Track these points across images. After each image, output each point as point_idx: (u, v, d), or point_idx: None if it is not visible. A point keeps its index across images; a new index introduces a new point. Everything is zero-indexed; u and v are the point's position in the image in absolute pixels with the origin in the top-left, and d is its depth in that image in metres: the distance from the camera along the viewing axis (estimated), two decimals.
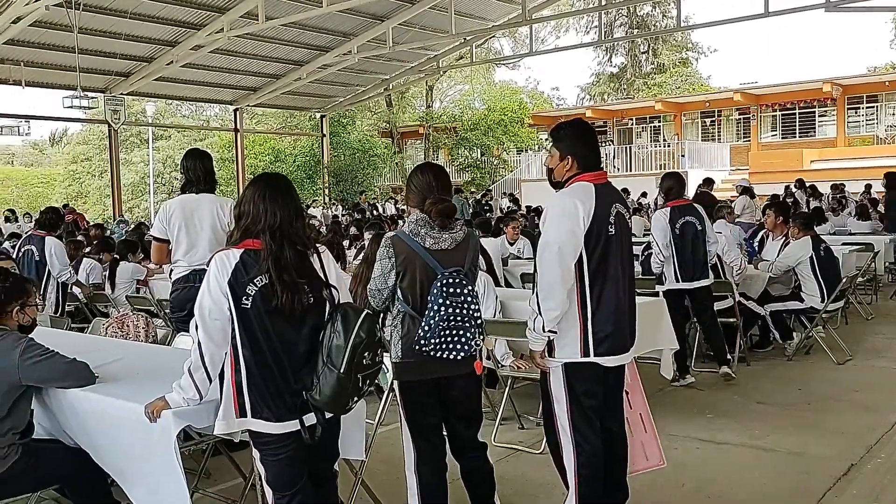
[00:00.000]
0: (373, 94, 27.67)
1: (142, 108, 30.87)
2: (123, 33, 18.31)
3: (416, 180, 3.17)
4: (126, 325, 4.60)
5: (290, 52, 21.90)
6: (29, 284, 3.26)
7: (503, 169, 32.27)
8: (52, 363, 3.05)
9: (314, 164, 30.64)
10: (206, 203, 4.80)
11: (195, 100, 27.91)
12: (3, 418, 2.96)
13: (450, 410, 3.20)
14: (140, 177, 33.53)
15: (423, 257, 3.00)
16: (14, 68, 18.38)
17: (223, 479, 4.09)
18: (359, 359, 2.60)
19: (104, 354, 3.59)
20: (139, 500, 2.96)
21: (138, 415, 2.77)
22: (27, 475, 3.02)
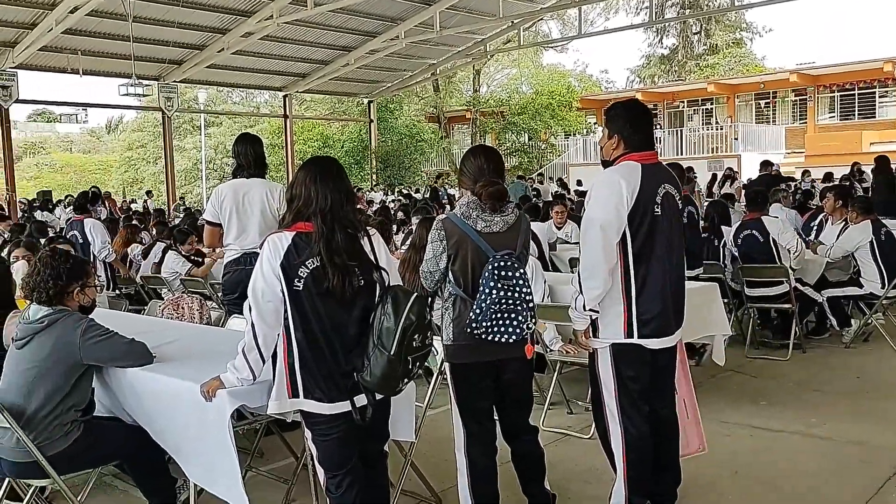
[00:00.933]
0: (420, 79, 27.67)
1: (194, 95, 31.39)
2: (176, 21, 18.62)
3: (469, 163, 3.16)
4: (181, 307, 4.70)
5: (338, 38, 22.00)
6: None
7: (551, 153, 32.01)
8: (112, 343, 3.13)
9: (362, 150, 30.83)
10: (257, 187, 4.84)
11: (245, 86, 28.27)
12: (65, 396, 3.05)
13: (502, 393, 3.20)
14: (192, 163, 34.18)
15: (475, 240, 2.99)
16: (72, 57, 18.86)
17: (275, 458, 4.17)
18: (409, 341, 2.62)
19: (161, 335, 3.68)
20: (195, 476, 3.04)
21: (194, 394, 2.83)
22: (89, 451, 3.12)
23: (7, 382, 3.08)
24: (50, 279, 3.11)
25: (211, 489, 3.00)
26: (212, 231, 5.03)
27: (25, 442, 2.91)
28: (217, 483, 2.94)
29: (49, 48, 18.24)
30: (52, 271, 3.12)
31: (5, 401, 2.97)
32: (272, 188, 4.88)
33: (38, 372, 3.03)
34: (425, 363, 2.85)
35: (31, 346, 3.05)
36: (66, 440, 3.03)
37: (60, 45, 18.27)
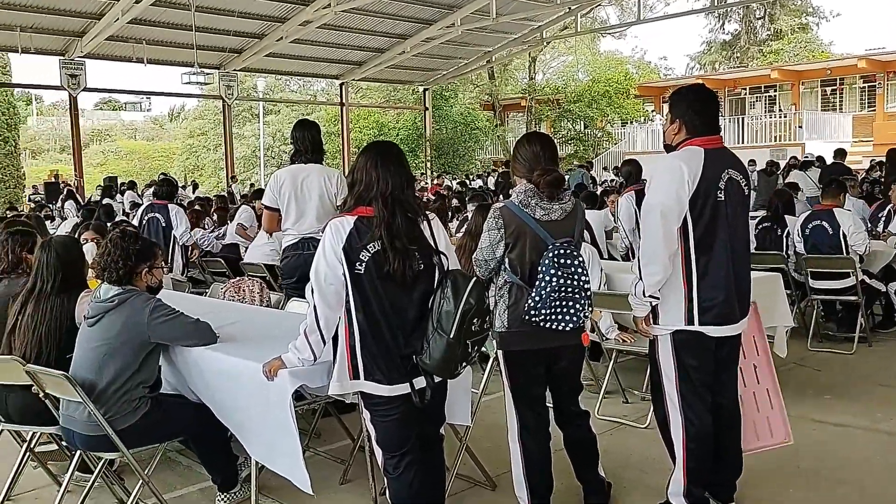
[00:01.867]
0: (475, 66, 27.57)
1: (253, 83, 31.90)
2: (236, 11, 18.93)
3: (523, 151, 3.14)
4: (242, 290, 4.81)
5: (395, 26, 22.07)
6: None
7: (607, 141, 31.59)
8: (178, 323, 3.23)
9: (417, 138, 30.90)
10: (314, 173, 4.89)
11: (303, 75, 28.58)
12: (134, 373, 3.16)
13: (555, 381, 3.20)
14: (251, 150, 34.79)
15: (534, 228, 2.98)
16: (137, 46, 19.36)
17: (332, 439, 4.24)
18: (468, 325, 2.63)
19: (223, 316, 3.77)
20: (256, 454, 3.12)
21: (256, 373, 2.90)
22: (156, 427, 3.22)
23: (79, 358, 3.20)
24: (120, 260, 3.21)
25: (272, 467, 3.08)
26: (270, 216, 5.10)
27: (96, 416, 3.02)
28: (278, 461, 3.01)
29: (115, 38, 18.75)
30: (121, 252, 3.22)
31: (77, 376, 3.09)
32: (330, 174, 4.93)
33: (107, 349, 3.14)
34: (482, 348, 2.85)
35: (101, 324, 3.16)
36: (134, 415, 3.14)
37: (126, 34, 18.76)
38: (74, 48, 19.13)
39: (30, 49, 18.31)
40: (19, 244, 4.06)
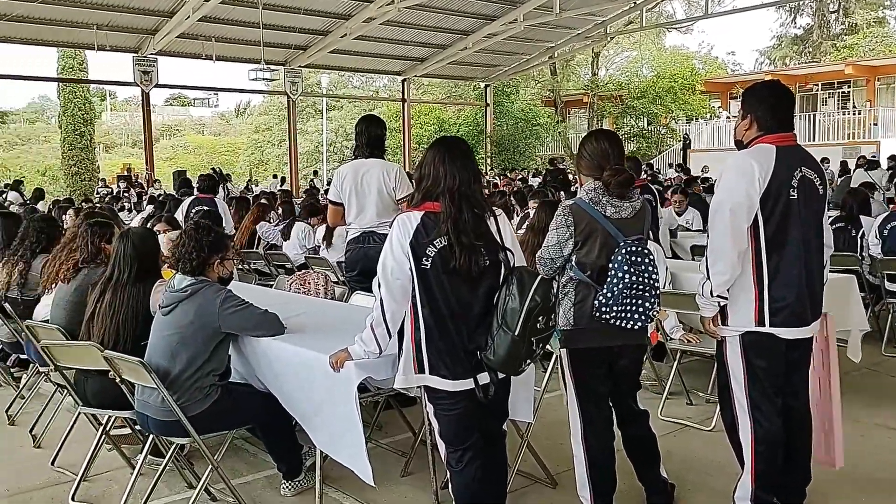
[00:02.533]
0: (537, 62, 27.38)
1: (317, 79, 32.38)
2: (302, 8, 19.23)
3: (590, 148, 3.11)
4: (307, 283, 4.90)
5: (457, 22, 22.09)
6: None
7: (671, 138, 31.01)
8: (248, 313, 3.31)
9: (477, 134, 30.87)
10: (374, 168, 4.93)
11: (366, 71, 28.83)
12: (205, 361, 3.25)
13: (616, 379, 3.17)
14: (314, 145, 35.33)
15: (605, 226, 2.96)
16: (206, 44, 19.85)
17: (394, 432, 4.29)
18: (533, 322, 2.63)
19: (289, 308, 3.84)
20: (321, 443, 3.18)
21: (323, 364, 2.95)
22: (225, 414, 3.31)
23: (153, 346, 3.31)
24: (194, 251, 3.31)
25: (336, 457, 3.13)
26: (335, 210, 5.18)
27: (169, 401, 3.12)
28: (342, 451, 3.06)
29: (186, 35, 19.26)
30: (195, 243, 3.32)
31: (152, 362, 3.19)
32: (389, 168, 4.95)
33: (180, 337, 3.24)
34: (547, 346, 2.84)
35: (175, 313, 3.26)
36: (205, 402, 3.23)
37: (196, 32, 19.25)
38: (147, 45, 19.72)
39: (105, 46, 18.95)
40: (98, 235, 4.23)
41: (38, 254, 4.89)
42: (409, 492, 3.63)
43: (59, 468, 3.93)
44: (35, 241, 4.95)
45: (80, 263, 4.14)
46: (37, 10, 16.93)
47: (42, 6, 16.67)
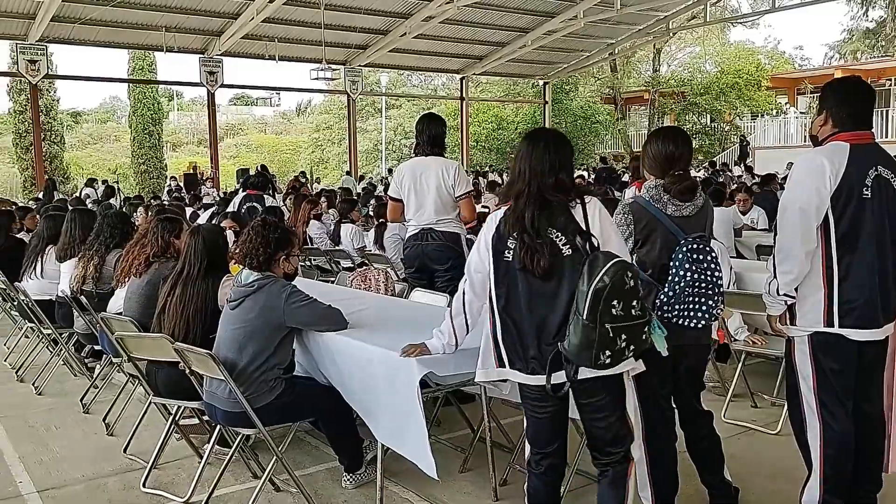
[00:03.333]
0: (597, 59, 27.11)
1: (376, 78, 32.69)
2: (363, 7, 19.46)
3: (655, 150, 3.06)
4: (368, 279, 4.97)
5: (517, 20, 22.03)
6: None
7: (735, 135, 30.32)
8: (312, 308, 3.38)
9: None
10: (433, 165, 4.95)
11: (425, 69, 29.00)
12: (271, 354, 3.33)
13: (679, 380, 3.12)
14: (373, 144, 35.67)
15: (666, 224, 2.93)
16: (269, 44, 20.26)
17: (452, 428, 4.32)
18: (604, 306, 2.45)
19: (351, 303, 3.90)
20: (383, 437, 3.22)
21: (385, 359, 3.00)
22: (289, 407, 3.38)
23: (221, 339, 3.41)
24: (260, 247, 3.39)
25: (399, 450, 3.17)
26: (394, 206, 5.24)
27: (236, 393, 3.21)
28: (404, 444, 3.10)
29: (250, 36, 19.70)
30: (262, 240, 3.40)
31: (220, 355, 3.28)
32: (448, 166, 4.96)
33: (247, 331, 3.33)
34: (646, 341, 2.62)
35: (242, 307, 3.35)
36: (270, 394, 3.31)
37: (259, 33, 19.67)
38: (213, 47, 20.23)
39: (173, 48, 19.51)
40: (168, 230, 4.38)
41: (111, 249, 5.07)
42: (468, 487, 3.65)
43: (130, 455, 4.08)
44: (109, 236, 5.13)
45: (151, 258, 4.28)
46: (110, 14, 17.53)
47: (115, 10, 17.25)
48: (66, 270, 5.32)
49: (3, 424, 4.68)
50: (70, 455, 4.17)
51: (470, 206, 5.01)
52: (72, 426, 4.65)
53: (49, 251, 5.65)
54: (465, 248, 5.00)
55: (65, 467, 3.99)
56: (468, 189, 4.99)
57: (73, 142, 36.18)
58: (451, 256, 4.94)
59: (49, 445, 4.32)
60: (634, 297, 2.51)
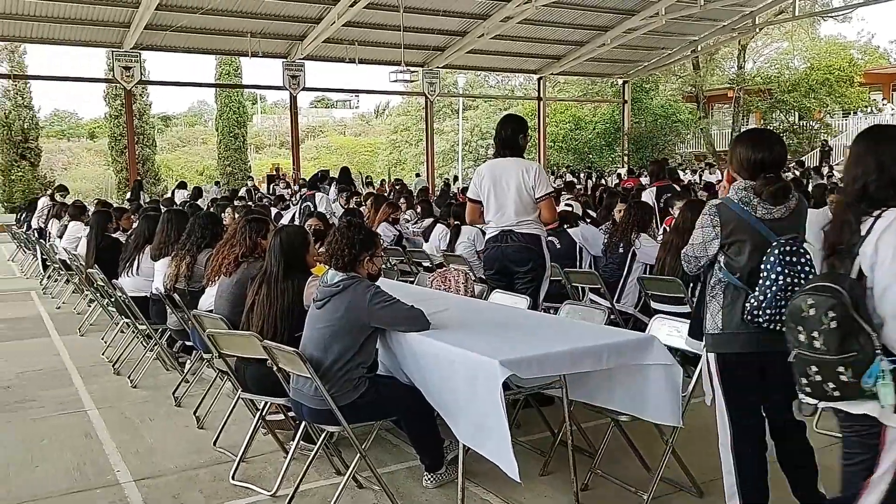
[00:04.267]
0: (679, 56, 26.54)
1: (454, 80, 32.84)
2: (441, 10, 19.60)
3: (744, 153, 2.95)
4: (448, 279, 4.99)
5: (596, 18, 21.78)
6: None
7: (825, 134, 29.12)
8: (395, 309, 3.42)
9: (614, 132, 30.28)
10: (512, 167, 4.92)
11: (502, 70, 28.99)
12: (355, 353, 3.39)
13: (770, 387, 3.02)
14: (450, 145, 35.86)
15: (755, 226, 2.84)
16: (349, 48, 20.62)
17: (532, 431, 4.29)
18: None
19: (433, 304, 3.93)
20: (464, 437, 3.23)
21: (467, 360, 3.02)
22: (373, 405, 3.44)
23: (308, 337, 3.49)
24: (345, 248, 3.46)
25: (480, 450, 3.17)
26: (472, 208, 5.22)
27: (322, 391, 3.28)
28: (486, 444, 3.10)
29: (331, 40, 20.11)
30: (347, 241, 3.47)
31: (306, 353, 3.36)
32: (528, 167, 4.91)
33: (332, 330, 3.40)
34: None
35: (328, 307, 3.43)
36: (354, 393, 3.37)
37: (340, 36, 20.06)
38: (296, 51, 20.74)
39: (258, 53, 20.10)
40: (255, 230, 4.51)
41: (202, 249, 5.25)
42: (549, 491, 3.63)
43: (219, 448, 4.22)
44: (200, 236, 5.32)
45: (240, 258, 4.42)
46: (199, 21, 18.19)
47: (204, 17, 17.90)
48: (160, 269, 5.55)
49: (102, 415, 4.91)
50: (163, 446, 4.34)
51: (550, 208, 4.97)
52: (164, 418, 4.84)
53: (146, 250, 5.90)
54: (544, 249, 4.98)
55: (158, 458, 4.16)
56: (549, 190, 4.94)
57: (163, 144, 37.67)
58: (531, 258, 4.91)
59: (143, 436, 4.52)
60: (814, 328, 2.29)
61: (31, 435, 4.56)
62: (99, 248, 7.12)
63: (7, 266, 13.67)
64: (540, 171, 4.93)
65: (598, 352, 3.19)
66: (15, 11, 17.46)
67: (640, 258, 5.63)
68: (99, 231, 7.32)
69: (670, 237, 5.28)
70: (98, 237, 7.24)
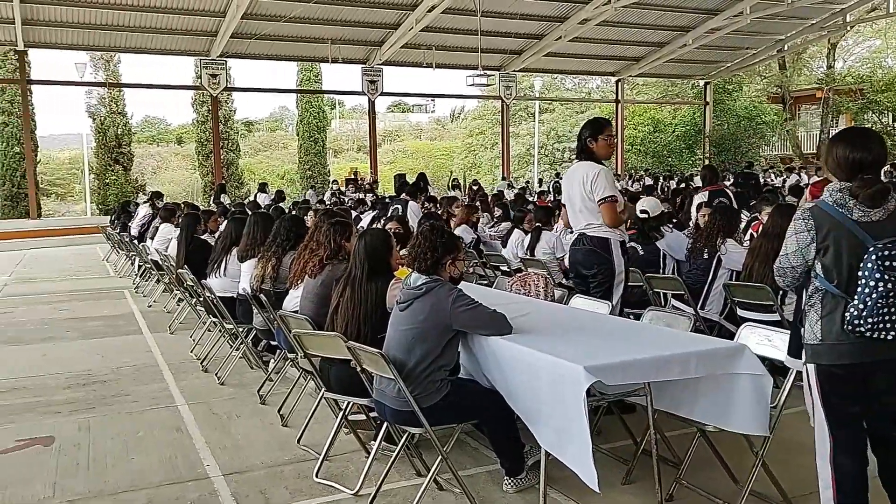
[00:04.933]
0: (764, 56, 25.76)
1: (530, 83, 32.71)
2: (518, 13, 19.57)
3: (841, 154, 2.84)
4: (528, 283, 4.97)
5: (677, 18, 21.34)
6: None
7: None
8: (478, 312, 3.43)
9: (695, 134, 29.57)
10: (579, 171, 4.91)
11: (579, 73, 28.75)
12: (437, 356, 3.42)
13: (872, 398, 2.89)
14: (525, 148, 35.71)
15: (851, 230, 2.72)
16: (427, 52, 20.81)
17: (613, 438, 4.23)
18: None
19: (514, 308, 3.91)
20: (546, 443, 3.21)
21: (551, 365, 3.00)
22: (455, 408, 3.45)
23: (391, 339, 3.54)
24: (428, 251, 3.50)
25: (561, 457, 3.15)
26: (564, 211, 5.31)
27: (405, 392, 3.31)
28: (566, 452, 3.08)
29: (409, 45, 20.34)
30: (430, 244, 3.50)
31: (389, 355, 3.41)
32: (589, 170, 4.84)
33: (415, 332, 3.43)
34: None
35: (411, 309, 3.46)
36: (437, 395, 3.40)
37: (418, 42, 20.26)
38: (374, 57, 21.06)
39: (338, 59, 20.50)
40: (339, 233, 4.61)
41: (287, 251, 5.39)
42: (631, 500, 3.57)
43: (303, 446, 4.32)
44: (285, 238, 5.46)
45: (325, 260, 4.52)
46: (282, 29, 18.69)
47: (287, 25, 18.39)
48: (246, 270, 5.72)
49: (192, 410, 5.10)
50: (249, 442, 4.47)
51: (609, 211, 4.79)
52: (250, 415, 4.98)
53: (233, 252, 6.09)
54: (614, 253, 4.87)
55: (246, 454, 4.29)
56: (606, 194, 4.78)
57: (245, 149, 38.83)
58: (597, 262, 4.86)
59: (231, 432, 4.66)
60: None
61: (127, 428, 4.77)
62: (188, 250, 7.40)
63: (102, 266, 14.34)
64: (599, 175, 4.81)
65: (685, 360, 3.12)
66: (111, 23, 18.33)
67: (725, 264, 5.48)
68: (188, 233, 7.60)
69: (759, 242, 5.13)
70: (188, 239, 7.52)
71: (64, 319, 8.62)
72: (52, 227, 20.34)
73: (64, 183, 35.41)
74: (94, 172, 28.82)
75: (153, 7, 17.75)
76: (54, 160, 36.07)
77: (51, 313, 9.04)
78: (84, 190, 30.50)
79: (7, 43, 19.14)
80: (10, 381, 5.95)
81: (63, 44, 19.36)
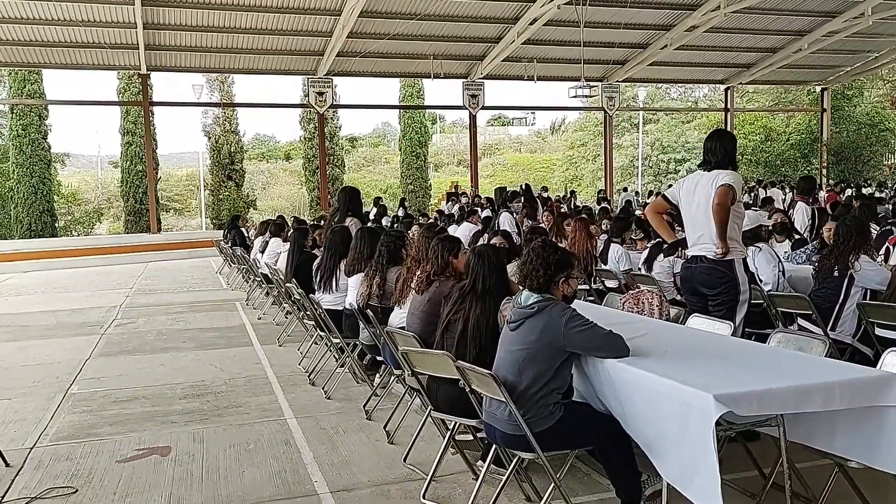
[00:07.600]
0: (888, 59, 24.18)
1: (633, 93, 32.03)
2: (622, 23, 19.18)
3: None
4: (641, 301, 4.76)
5: (791, 22, 20.39)
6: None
7: None
8: (593, 333, 3.27)
9: (811, 142, 28.15)
10: (703, 181, 4.68)
11: (685, 81, 27.92)
12: (550, 378, 3.27)
13: None
14: (629, 160, 34.95)
15: None
16: (528, 65, 20.70)
17: (737, 468, 3.96)
18: None
19: (630, 328, 3.72)
20: (669, 474, 3.01)
21: (676, 392, 2.81)
22: (569, 433, 3.29)
23: (501, 359, 3.42)
24: (540, 268, 3.37)
25: (684, 491, 2.94)
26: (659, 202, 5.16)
27: (516, 416, 3.19)
28: (691, 485, 2.87)
29: (510, 59, 20.28)
30: (542, 261, 3.37)
31: (499, 375, 3.29)
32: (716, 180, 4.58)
33: (527, 353, 3.30)
34: None
35: (522, 329, 3.34)
36: (550, 419, 3.25)
37: (519, 55, 20.17)
38: (475, 71, 21.11)
39: (440, 74, 20.67)
40: (447, 249, 4.54)
41: (391, 266, 5.38)
42: None
43: (410, 465, 4.25)
44: (389, 254, 5.45)
45: (432, 276, 4.46)
46: (386, 46, 19.03)
47: (390, 42, 18.71)
48: (353, 284, 5.74)
49: (300, 424, 5.14)
50: (356, 459, 4.45)
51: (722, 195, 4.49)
52: (356, 431, 4.97)
53: (341, 266, 6.12)
54: (738, 271, 4.59)
55: (353, 470, 4.26)
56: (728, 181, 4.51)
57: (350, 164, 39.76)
58: (722, 282, 4.59)
59: (338, 448, 4.66)
60: None
61: (239, 440, 4.85)
62: (297, 264, 7.53)
63: (216, 278, 14.91)
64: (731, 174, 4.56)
65: (828, 389, 2.84)
66: (226, 46, 19.16)
67: (859, 282, 5.07)
68: (297, 248, 7.75)
69: None
70: (297, 254, 7.67)
71: (181, 330, 8.97)
72: (170, 241, 21.36)
73: (181, 199, 37.34)
74: (208, 188, 30.21)
75: (265, 30, 18.45)
76: (173, 177, 38.12)
77: (169, 324, 9.43)
78: (200, 205, 32.02)
79: (132, 67, 20.31)
80: (131, 390, 6.20)
81: (182, 67, 20.38)
